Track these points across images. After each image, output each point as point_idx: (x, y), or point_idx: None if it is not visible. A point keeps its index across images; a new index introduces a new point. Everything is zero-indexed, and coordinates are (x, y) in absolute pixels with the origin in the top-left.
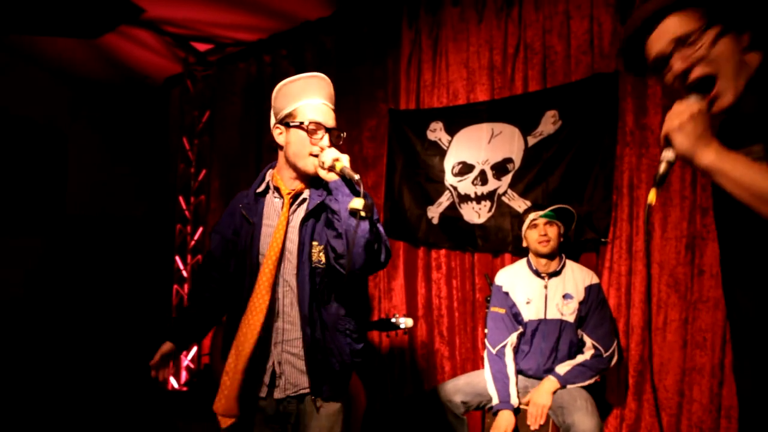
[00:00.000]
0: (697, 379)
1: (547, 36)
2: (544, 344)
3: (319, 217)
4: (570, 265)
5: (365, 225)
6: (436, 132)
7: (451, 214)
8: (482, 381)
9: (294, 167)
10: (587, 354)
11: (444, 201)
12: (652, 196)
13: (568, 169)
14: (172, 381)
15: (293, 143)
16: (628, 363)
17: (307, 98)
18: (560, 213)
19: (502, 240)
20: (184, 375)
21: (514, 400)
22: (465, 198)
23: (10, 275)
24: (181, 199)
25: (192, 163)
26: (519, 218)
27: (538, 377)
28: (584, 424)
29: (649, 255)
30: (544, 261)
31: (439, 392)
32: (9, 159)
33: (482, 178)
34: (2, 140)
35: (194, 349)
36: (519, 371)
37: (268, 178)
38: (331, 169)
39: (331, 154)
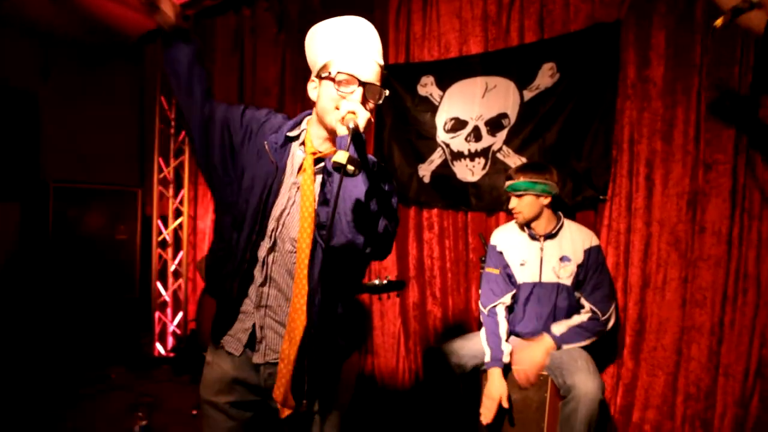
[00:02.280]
0: (696, 338)
1: None
2: (540, 308)
3: None
4: (568, 225)
5: (356, 187)
6: (427, 87)
7: (444, 172)
8: (477, 342)
9: (323, 124)
10: (584, 316)
11: (436, 159)
12: (719, 21)
13: (565, 124)
14: (159, 347)
15: (322, 97)
16: (626, 322)
17: (342, 47)
18: (537, 170)
19: (496, 198)
20: (170, 341)
21: (506, 358)
22: (458, 155)
23: None
24: (161, 161)
25: (171, 123)
26: None
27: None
28: (586, 386)
29: (650, 212)
30: (534, 223)
31: (433, 354)
32: None
33: (476, 134)
34: None
35: (180, 315)
36: (514, 333)
37: (304, 125)
38: (343, 122)
39: (347, 105)
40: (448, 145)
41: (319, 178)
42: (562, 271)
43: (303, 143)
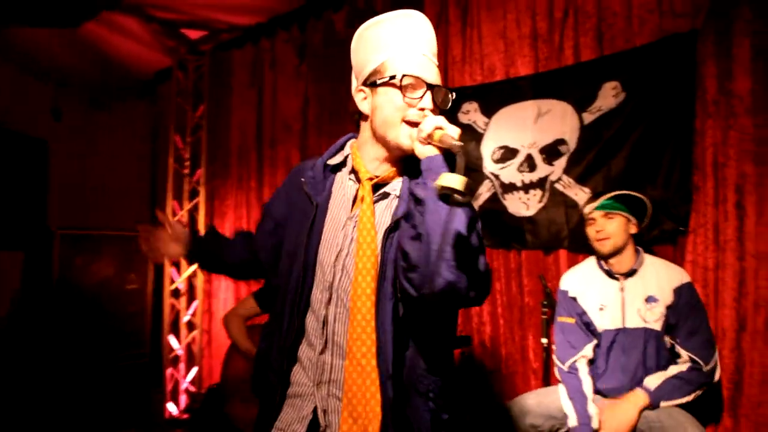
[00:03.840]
0: None
1: None
2: (626, 358)
3: None
4: (650, 261)
5: (461, 217)
6: (470, 114)
7: (493, 206)
8: (555, 400)
9: (383, 142)
10: (683, 366)
11: (483, 192)
12: None
13: (634, 148)
14: (170, 407)
15: (381, 107)
16: (721, 374)
17: (399, 47)
18: (626, 201)
19: (555, 235)
20: (183, 399)
21: (595, 424)
22: (509, 187)
23: None
24: (175, 203)
25: (185, 163)
26: (576, 209)
27: None
28: None
29: (742, 244)
30: (614, 259)
31: (504, 413)
32: None
33: (530, 163)
34: None
35: (194, 370)
36: (597, 392)
37: (348, 150)
38: (429, 140)
39: (433, 121)
40: (497, 177)
41: (380, 207)
42: (648, 314)
43: (353, 170)
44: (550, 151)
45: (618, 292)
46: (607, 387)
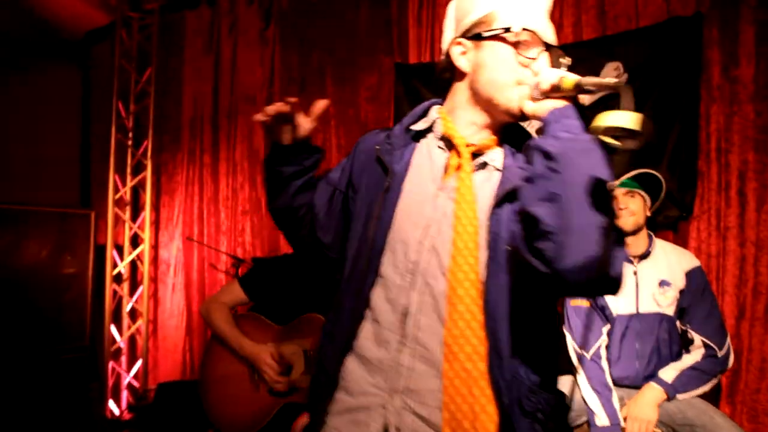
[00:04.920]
0: None
1: None
2: (641, 345)
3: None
4: (661, 245)
5: (604, 167)
6: None
7: None
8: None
9: (487, 105)
10: (697, 354)
11: None
12: None
13: None
14: (112, 406)
15: (489, 64)
16: None
17: None
18: (643, 180)
19: None
20: (125, 396)
21: (623, 422)
22: None
23: None
24: (117, 178)
25: (128, 134)
26: None
27: (637, 386)
28: None
29: (743, 232)
30: (629, 240)
31: None
32: None
33: None
34: None
35: (138, 364)
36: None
37: (434, 114)
38: (553, 91)
39: (554, 72)
40: None
41: (478, 179)
42: (662, 299)
43: (443, 138)
44: None
45: (632, 275)
46: (621, 375)
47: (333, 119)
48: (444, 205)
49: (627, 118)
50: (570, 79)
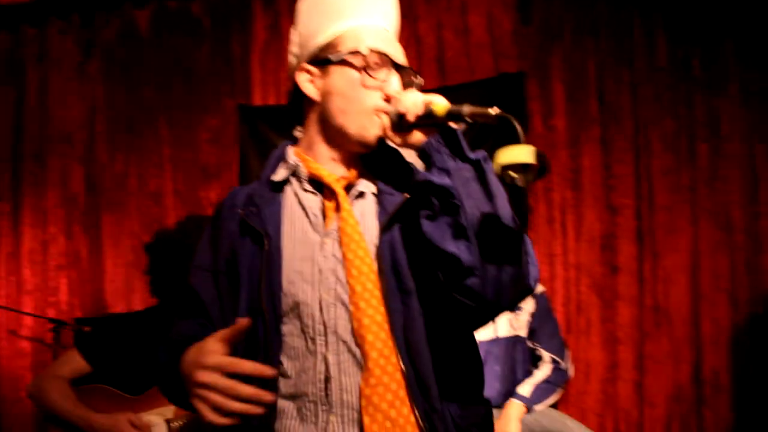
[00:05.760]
0: (622, 374)
1: (442, 31)
2: (499, 367)
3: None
4: None
5: (502, 191)
6: None
7: None
8: None
9: (338, 135)
10: (546, 369)
11: None
12: None
13: None
14: None
15: (339, 91)
16: None
17: (359, 17)
18: None
19: None
20: None
21: None
22: None
23: None
24: None
25: None
26: None
27: (499, 406)
28: None
29: (566, 257)
30: None
31: None
32: None
33: None
34: None
35: None
36: None
37: (292, 159)
38: (422, 119)
39: (415, 96)
40: None
41: (357, 211)
42: (516, 322)
43: (311, 178)
44: None
45: None
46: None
47: (168, 163)
48: (333, 249)
49: (526, 152)
50: (440, 104)
